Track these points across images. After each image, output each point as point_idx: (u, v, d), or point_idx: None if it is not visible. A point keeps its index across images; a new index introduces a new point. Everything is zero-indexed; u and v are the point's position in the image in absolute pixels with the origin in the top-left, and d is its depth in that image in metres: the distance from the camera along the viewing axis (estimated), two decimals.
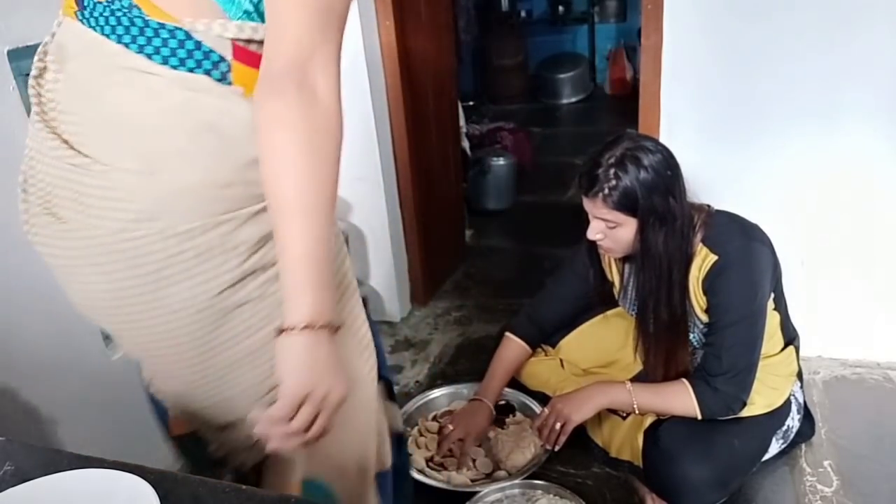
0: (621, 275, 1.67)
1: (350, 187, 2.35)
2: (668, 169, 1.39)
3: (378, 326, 1.19)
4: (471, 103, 5.24)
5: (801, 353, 1.68)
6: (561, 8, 5.88)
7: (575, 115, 5.57)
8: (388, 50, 2.25)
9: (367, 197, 2.36)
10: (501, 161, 3.55)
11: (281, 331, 0.75)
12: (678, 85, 1.90)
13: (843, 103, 1.82)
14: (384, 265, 2.47)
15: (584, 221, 1.50)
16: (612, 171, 1.37)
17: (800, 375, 1.67)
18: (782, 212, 1.49)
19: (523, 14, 5.96)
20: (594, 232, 1.46)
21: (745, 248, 1.43)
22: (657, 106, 1.96)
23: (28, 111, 1.41)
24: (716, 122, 1.43)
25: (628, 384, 1.57)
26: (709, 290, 1.45)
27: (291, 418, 0.75)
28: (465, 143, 3.44)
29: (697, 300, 1.49)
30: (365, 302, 1.01)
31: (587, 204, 1.44)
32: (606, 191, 1.38)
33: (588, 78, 5.90)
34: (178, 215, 0.76)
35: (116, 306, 0.82)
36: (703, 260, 1.45)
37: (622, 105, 5.43)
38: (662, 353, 1.54)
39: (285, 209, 0.72)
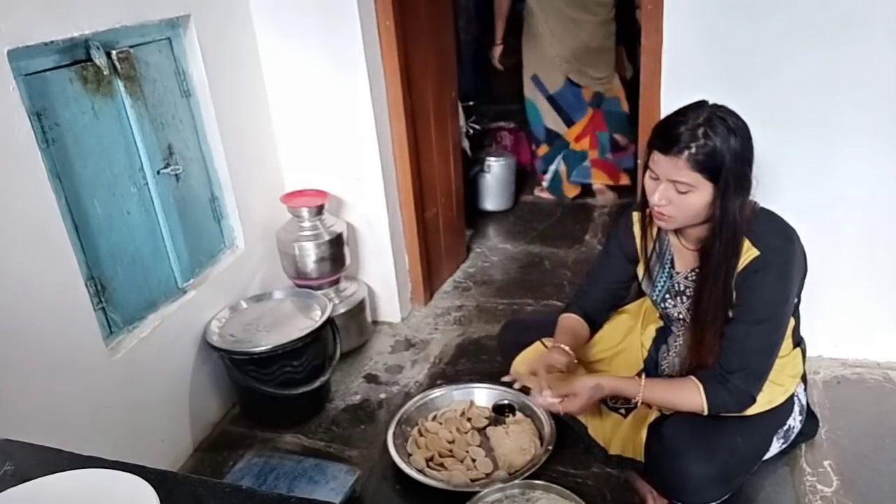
0: (656, 253, 1.60)
1: (350, 187, 2.36)
2: (749, 138, 1.36)
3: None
4: (471, 103, 5.21)
5: None
6: None
7: None
8: (388, 50, 2.25)
9: (367, 197, 2.36)
10: (501, 161, 3.56)
11: None
12: (678, 85, 1.90)
13: (842, 103, 1.82)
14: (384, 265, 2.47)
15: (641, 190, 1.43)
16: (700, 129, 1.30)
17: (804, 378, 1.67)
18: (782, 212, 1.49)
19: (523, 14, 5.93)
20: (661, 196, 1.37)
21: (785, 250, 1.40)
22: (657, 106, 1.96)
23: (28, 111, 1.41)
24: None
25: (641, 379, 1.53)
26: (742, 285, 1.41)
27: None
28: (465, 143, 3.44)
29: None
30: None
31: (663, 164, 1.34)
32: (693, 149, 1.29)
33: None
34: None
35: (588, 43, 3.41)
36: (743, 253, 1.40)
37: None
38: (719, 328, 1.46)
39: None
